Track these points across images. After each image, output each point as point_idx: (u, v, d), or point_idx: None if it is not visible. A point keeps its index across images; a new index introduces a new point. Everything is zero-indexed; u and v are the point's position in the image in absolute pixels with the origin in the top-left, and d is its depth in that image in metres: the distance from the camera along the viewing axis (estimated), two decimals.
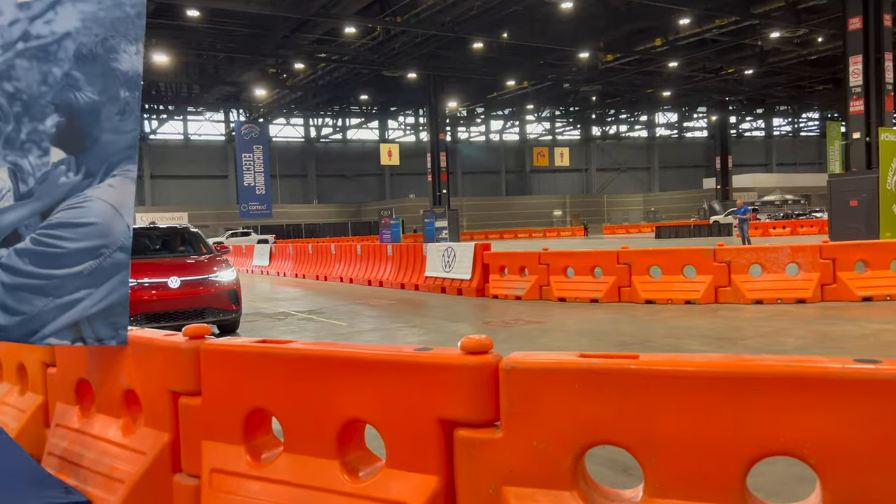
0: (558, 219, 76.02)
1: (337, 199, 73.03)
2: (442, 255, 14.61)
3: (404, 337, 8.88)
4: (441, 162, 46.19)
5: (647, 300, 11.21)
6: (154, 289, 8.77)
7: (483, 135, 77.86)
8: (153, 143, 66.52)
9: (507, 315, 10.58)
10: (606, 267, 11.81)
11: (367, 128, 72.59)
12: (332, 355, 2.78)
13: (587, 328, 9.02)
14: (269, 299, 14.87)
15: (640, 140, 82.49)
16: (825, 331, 8.02)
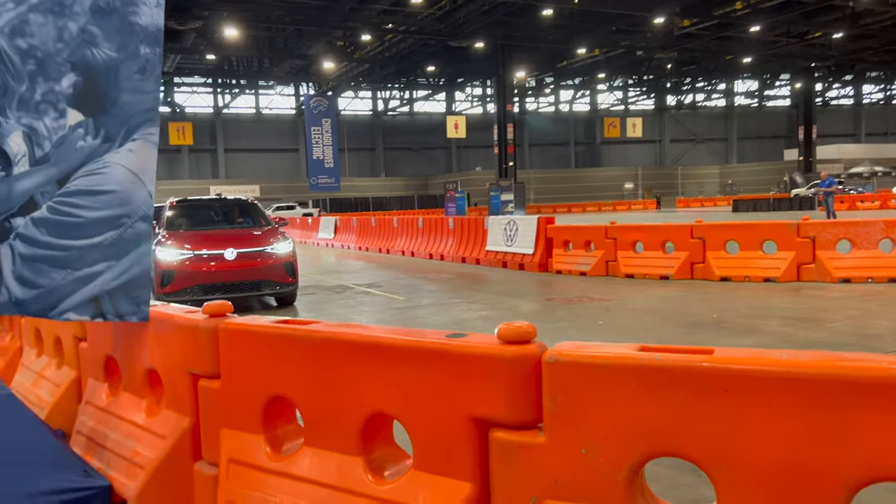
0: (629, 192, 74.05)
1: (404, 172, 73.16)
2: (504, 229, 14.18)
3: (461, 312, 8.55)
4: (508, 134, 45.43)
5: (722, 277, 10.51)
6: (211, 260, 8.71)
7: (552, 105, 76.25)
8: (226, 117, 68.03)
9: (571, 291, 10.11)
10: (679, 242, 11.15)
11: (434, 100, 72.15)
12: (353, 339, 2.46)
13: (655, 306, 8.47)
14: (330, 272, 14.81)
15: (717, 109, 79.11)
16: None
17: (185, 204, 10.33)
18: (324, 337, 2.54)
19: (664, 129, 79.00)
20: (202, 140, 65.97)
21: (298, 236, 28.57)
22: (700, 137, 79.63)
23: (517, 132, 51.34)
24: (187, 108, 66.63)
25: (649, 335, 6.73)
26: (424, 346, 2.28)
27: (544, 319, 7.87)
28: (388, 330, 2.48)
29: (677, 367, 1.89)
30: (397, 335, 2.38)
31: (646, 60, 55.09)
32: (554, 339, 5.80)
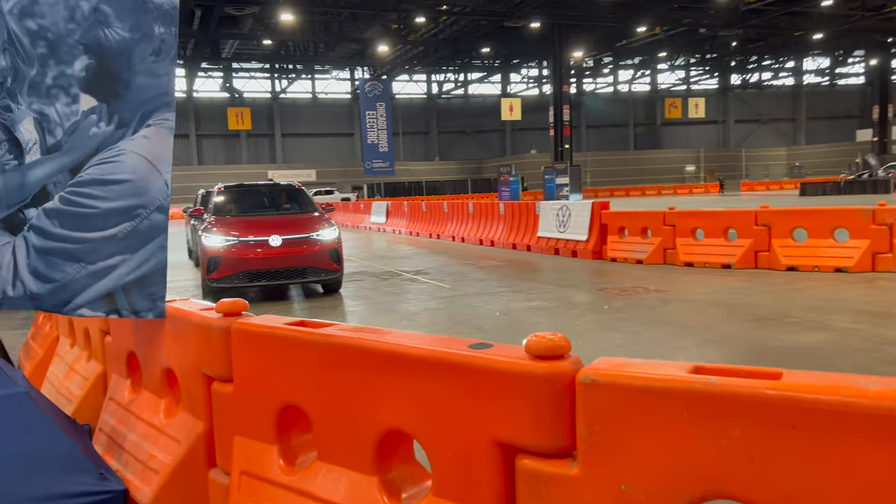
0: (691, 174, 71.93)
1: (457, 155, 72.81)
2: (556, 214, 13.76)
3: (508, 302, 8.26)
4: (564, 115, 44.51)
5: (788, 267, 9.91)
6: (256, 247, 8.64)
7: (610, 86, 74.49)
8: (283, 102, 68.85)
9: (626, 281, 9.69)
10: (742, 228, 10.56)
11: (489, 82, 71.42)
12: (366, 347, 2.21)
13: (717, 298, 7.99)
14: (379, 257, 14.68)
15: (784, 88, 75.89)
16: None
17: (234, 189, 10.31)
18: (335, 343, 2.30)
19: (728, 109, 76.29)
20: (260, 125, 66.97)
21: (350, 221, 28.65)
22: (766, 118, 76.63)
23: (574, 114, 50.29)
24: (245, 94, 67.69)
25: (709, 331, 6.31)
26: (443, 358, 2.01)
27: (596, 311, 7.51)
28: (406, 336, 2.22)
29: (737, 394, 1.57)
30: (414, 343, 2.12)
31: (709, 38, 53.14)
32: (607, 333, 5.44)
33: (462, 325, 6.97)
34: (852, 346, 5.49)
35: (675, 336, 6.12)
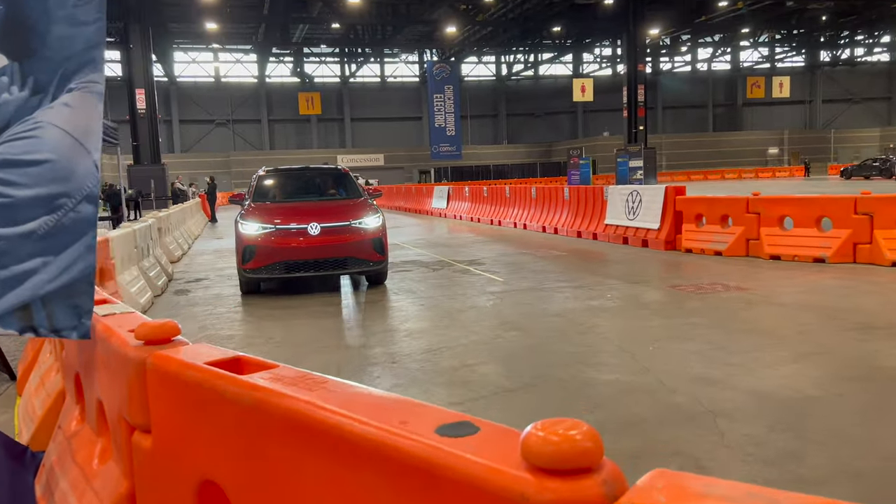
0: (774, 157, 68.28)
1: (526, 138, 71.33)
2: (625, 200, 12.68)
3: (564, 301, 7.37)
4: (638, 96, 42.55)
5: (893, 262, 8.62)
6: (293, 235, 8.03)
7: (688, 65, 71.21)
8: (352, 86, 68.90)
9: (703, 276, 8.63)
10: (838, 217, 9.29)
11: (560, 62, 69.44)
12: (294, 413, 1.44)
13: (810, 299, 6.89)
14: (434, 245, 13.95)
15: (879, 65, 70.80)
16: None
17: (275, 173, 9.74)
18: (258, 402, 1.54)
19: (815, 88, 71.85)
20: (330, 109, 67.26)
21: (413, 205, 28.07)
22: (857, 97, 71.80)
23: (649, 94, 48.08)
24: (316, 78, 68.05)
25: (806, 341, 5.28)
26: (394, 450, 1.22)
27: (669, 314, 6.55)
28: (358, 395, 1.44)
29: None
30: (355, 418, 1.33)
31: (796, 12, 49.81)
32: (678, 343, 4.45)
33: (508, 328, 6.16)
34: None
35: (763, 347, 5.13)
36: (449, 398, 4.22)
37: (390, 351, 5.47)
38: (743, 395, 4.07)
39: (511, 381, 4.55)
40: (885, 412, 3.71)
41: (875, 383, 4.22)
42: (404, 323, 6.55)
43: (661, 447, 3.35)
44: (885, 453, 3.17)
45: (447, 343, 5.65)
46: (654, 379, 4.48)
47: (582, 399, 4.14)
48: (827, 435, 3.40)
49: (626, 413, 3.87)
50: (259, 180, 9.46)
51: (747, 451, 3.26)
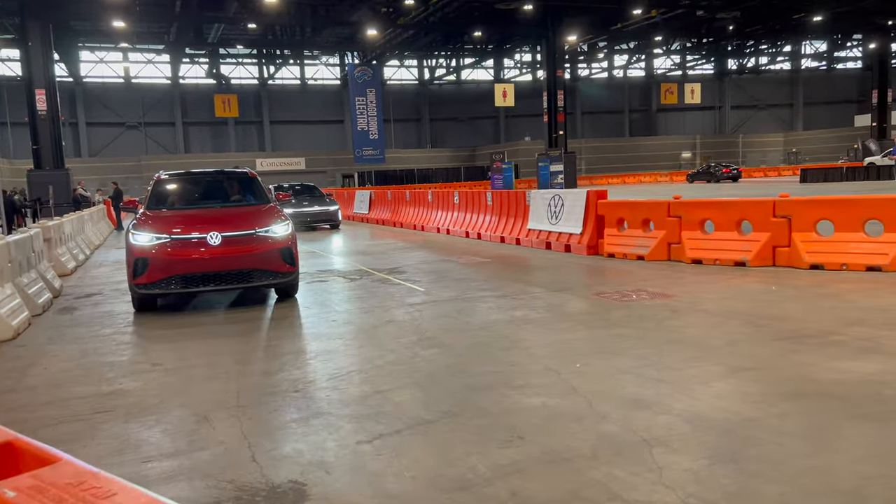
0: (687, 161, 70.71)
1: (450, 143, 71.36)
2: (548, 205, 12.46)
3: (489, 312, 6.97)
4: (558, 101, 43.10)
5: (812, 265, 8.64)
6: (192, 246, 7.31)
7: (605, 71, 72.94)
8: (272, 88, 67.12)
9: (627, 282, 8.41)
10: (758, 221, 9.27)
11: (482, 67, 69.80)
12: None
13: (736, 306, 6.72)
14: (353, 253, 13.37)
15: (781, 73, 74.49)
16: None
17: (174, 178, 8.96)
18: None
19: (724, 94, 74.92)
20: (248, 112, 65.32)
21: None
22: (762, 103, 75.30)
23: (568, 100, 48.82)
24: (233, 80, 65.96)
25: (736, 353, 5.03)
26: None
27: (595, 325, 6.23)
28: None
29: None
30: None
31: (706, 21, 51.49)
32: (607, 359, 3.95)
33: (427, 345, 5.68)
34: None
35: (694, 361, 4.84)
36: (356, 435, 3.70)
37: (294, 377, 4.90)
38: (678, 420, 3.72)
39: (429, 409, 4.07)
40: (831, 435, 3.43)
41: (814, 400, 3.96)
42: (313, 342, 5.98)
43: (595, 490, 2.94)
44: (838, 487, 2.86)
45: (359, 365, 5.13)
46: (582, 402, 4.09)
47: (505, 429, 3.70)
48: (774, 468, 3.08)
49: (553, 445, 3.45)
50: (156, 185, 8.66)
51: (689, 490, 2.89)
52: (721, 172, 50.37)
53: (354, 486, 3.08)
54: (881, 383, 4.20)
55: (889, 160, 38.83)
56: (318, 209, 20.05)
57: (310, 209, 19.87)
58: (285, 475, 3.23)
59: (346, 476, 3.19)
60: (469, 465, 3.25)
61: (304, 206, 19.82)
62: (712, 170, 51.65)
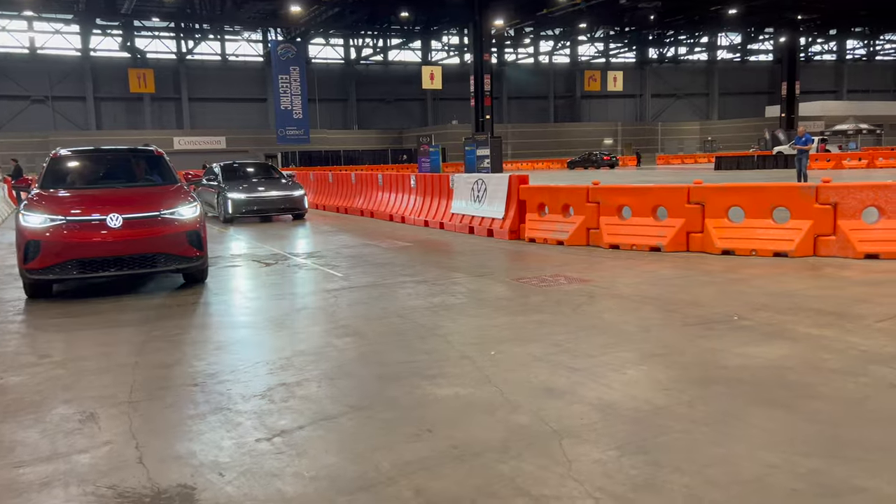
0: (609, 148, 72.28)
1: (377, 124, 70.57)
2: (471, 189, 12.38)
3: (407, 298, 6.82)
4: (485, 85, 43.14)
5: (724, 250, 8.87)
6: (90, 228, 6.84)
7: (531, 57, 73.61)
8: (190, 64, 64.59)
9: (546, 267, 8.41)
10: (673, 207, 9.45)
11: (409, 49, 69.21)
12: None
13: (650, 291, 6.80)
14: (270, 236, 12.93)
15: (699, 64, 77.04)
16: None
17: (73, 155, 8.38)
18: None
19: (645, 83, 76.91)
20: (165, 88, 62.68)
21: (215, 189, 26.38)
22: (681, 92, 77.72)
23: (495, 84, 49.01)
24: (148, 55, 63.09)
25: (649, 339, 5.05)
26: None
27: (515, 311, 6.17)
28: None
29: None
30: None
31: (629, 10, 52.58)
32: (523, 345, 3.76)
33: (342, 333, 5.48)
34: (828, 364, 4.33)
35: (608, 348, 4.83)
36: (256, 432, 3.48)
37: (194, 369, 4.61)
38: (590, 409, 3.68)
39: (336, 403, 3.89)
40: (735, 422, 3.45)
41: (722, 386, 4.00)
42: (219, 332, 5.68)
43: (502, 486, 2.84)
44: (744, 477, 2.85)
45: (267, 356, 4.88)
46: (495, 392, 4.00)
47: (414, 421, 3.56)
48: (681, 457, 3.05)
49: (463, 438, 3.34)
50: (51, 163, 8.06)
51: (597, 484, 2.83)
52: (602, 160, 54.12)
53: (248, 488, 2.88)
54: (786, 368, 4.28)
55: (793, 150, 40.77)
56: (277, 194, 15.75)
57: (265, 194, 15.67)
58: (174, 478, 2.99)
59: (240, 478, 2.97)
60: (373, 462, 3.09)
61: (258, 191, 15.75)
62: (593, 157, 55.22)
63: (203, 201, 16.55)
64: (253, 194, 15.56)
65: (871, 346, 4.69)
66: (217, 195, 15.93)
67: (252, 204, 15.40)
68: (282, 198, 15.78)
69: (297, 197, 15.92)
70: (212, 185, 16.52)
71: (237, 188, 15.63)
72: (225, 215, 15.45)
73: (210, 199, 16.18)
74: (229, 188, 15.61)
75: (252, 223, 15.38)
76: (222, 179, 16.21)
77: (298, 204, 15.91)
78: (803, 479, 2.82)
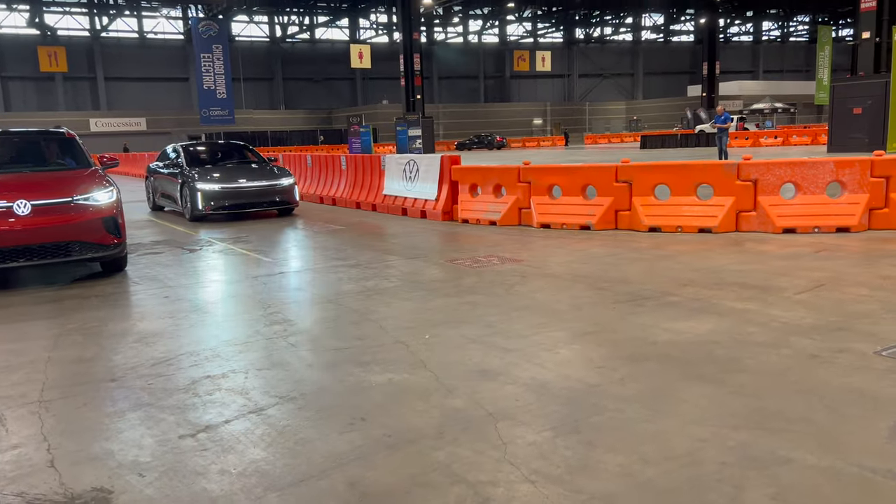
0: (538, 128, 73.11)
1: (305, 104, 69.18)
2: (403, 170, 12.24)
3: (340, 282, 6.67)
4: (415, 65, 42.74)
5: (650, 227, 9.07)
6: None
7: (460, 36, 73.43)
8: (106, 41, 61.63)
9: (479, 248, 8.40)
10: (602, 186, 9.58)
11: (337, 27, 67.94)
12: None
13: (581, 270, 6.87)
14: (195, 222, 12.48)
15: (624, 44, 78.59)
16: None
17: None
18: None
19: (573, 63, 77.93)
20: (79, 67, 59.70)
21: None
22: (607, 72, 79.13)
23: (425, 64, 48.69)
24: (59, 31, 59.81)
25: (580, 317, 5.09)
26: None
27: (449, 293, 6.12)
28: None
29: None
30: None
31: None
32: (456, 328, 3.73)
33: (271, 321, 5.31)
34: (753, 337, 4.45)
35: (541, 327, 4.84)
36: (179, 428, 3.32)
37: (113, 363, 4.37)
38: (524, 390, 3.66)
39: (265, 395, 3.75)
40: (665, 398, 3.49)
41: (653, 362, 4.05)
42: (139, 323, 5.41)
43: (438, 473, 2.79)
44: (675, 452, 2.89)
45: (191, 348, 4.68)
46: (430, 376, 3.94)
47: (347, 410, 3.47)
48: (615, 436, 3.07)
49: (397, 426, 3.27)
50: None
51: (532, 466, 2.81)
52: (496, 141, 56.05)
53: (170, 489, 2.73)
54: (713, 343, 4.38)
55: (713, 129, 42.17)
56: (261, 185, 12.27)
57: (247, 185, 12.20)
58: (89, 482, 2.81)
59: (162, 478, 2.82)
60: (305, 455, 2.99)
61: (237, 180, 12.23)
62: (483, 139, 56.79)
63: (160, 193, 13.97)
64: (230, 184, 12.07)
65: (792, 317, 4.86)
66: (180, 186, 12.57)
67: (230, 196, 11.98)
68: (267, 188, 12.31)
69: (286, 187, 12.50)
70: (171, 173, 13.23)
71: (208, 177, 12.13)
72: (194, 212, 12.07)
73: (169, 190, 13.31)
74: (199, 177, 12.11)
75: (222, 220, 12.49)
76: (187, 165, 12.78)
77: (289, 196, 12.56)
78: (732, 452, 2.87)
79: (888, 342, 4.22)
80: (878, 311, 4.95)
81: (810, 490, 2.55)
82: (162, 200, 14.24)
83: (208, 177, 12.19)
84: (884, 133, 23.10)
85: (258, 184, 12.30)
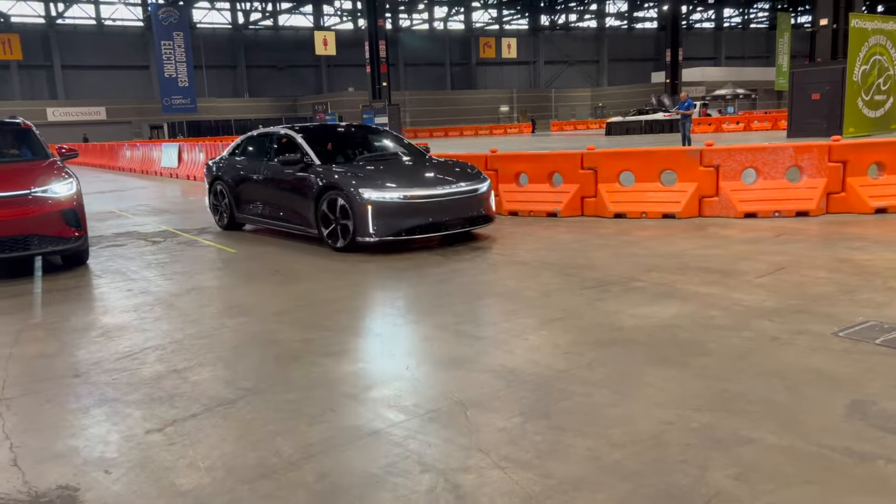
0: (505, 115, 73.20)
1: (270, 92, 68.25)
2: None
3: (307, 272, 6.62)
4: (381, 52, 42.44)
5: (616, 214, 9.17)
6: None
7: (426, 23, 73.03)
8: (62, 28, 59.96)
9: None
10: (568, 173, 9.64)
11: (301, 13, 67.06)
12: None
13: (548, 256, 6.93)
14: (158, 211, 12.27)
15: (589, 31, 78.95)
16: (856, 260, 6.11)
17: None
18: None
19: (538, 50, 78.08)
20: (34, 55, 57.99)
21: (139, 166, 25.03)
22: (572, 59, 79.45)
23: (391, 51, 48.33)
24: (13, 18, 57.99)
25: (548, 305, 5.14)
26: None
27: (420, 282, 6.12)
28: None
29: None
30: None
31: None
32: (435, 311, 3.90)
33: (236, 313, 5.26)
34: (716, 321, 4.54)
35: (510, 314, 4.87)
36: (145, 423, 3.28)
37: (76, 359, 4.30)
38: (493, 377, 3.69)
39: (232, 387, 3.72)
40: (631, 382, 3.55)
41: (619, 347, 4.11)
42: (102, 317, 5.32)
43: (409, 462, 2.80)
44: (641, 435, 2.94)
45: (155, 341, 4.61)
46: (400, 366, 3.95)
47: (314, 404, 3.46)
48: (583, 420, 3.11)
49: (367, 415, 3.27)
50: None
51: (503, 452, 2.84)
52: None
53: (138, 485, 2.70)
54: (677, 327, 4.46)
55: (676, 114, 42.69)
56: (457, 191, 7.55)
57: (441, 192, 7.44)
58: (54, 480, 2.76)
59: (129, 474, 2.79)
60: (274, 447, 2.98)
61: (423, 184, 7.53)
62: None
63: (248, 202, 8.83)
64: (417, 191, 7.35)
65: (753, 301, 4.97)
66: (315, 195, 7.60)
67: (421, 212, 7.30)
68: (468, 196, 7.68)
69: (485, 193, 7.94)
70: (275, 174, 8.31)
71: (370, 180, 7.30)
72: (356, 237, 7.25)
73: (278, 199, 8.37)
74: (358, 181, 7.28)
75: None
76: (318, 160, 7.89)
77: (487, 207, 8.00)
78: (696, 433, 2.94)
79: (845, 323, 4.34)
80: (836, 293, 5.08)
81: (772, 469, 2.63)
82: (246, 214, 9.08)
83: (370, 180, 7.31)
84: (840, 118, 23.63)
85: (454, 189, 7.57)
